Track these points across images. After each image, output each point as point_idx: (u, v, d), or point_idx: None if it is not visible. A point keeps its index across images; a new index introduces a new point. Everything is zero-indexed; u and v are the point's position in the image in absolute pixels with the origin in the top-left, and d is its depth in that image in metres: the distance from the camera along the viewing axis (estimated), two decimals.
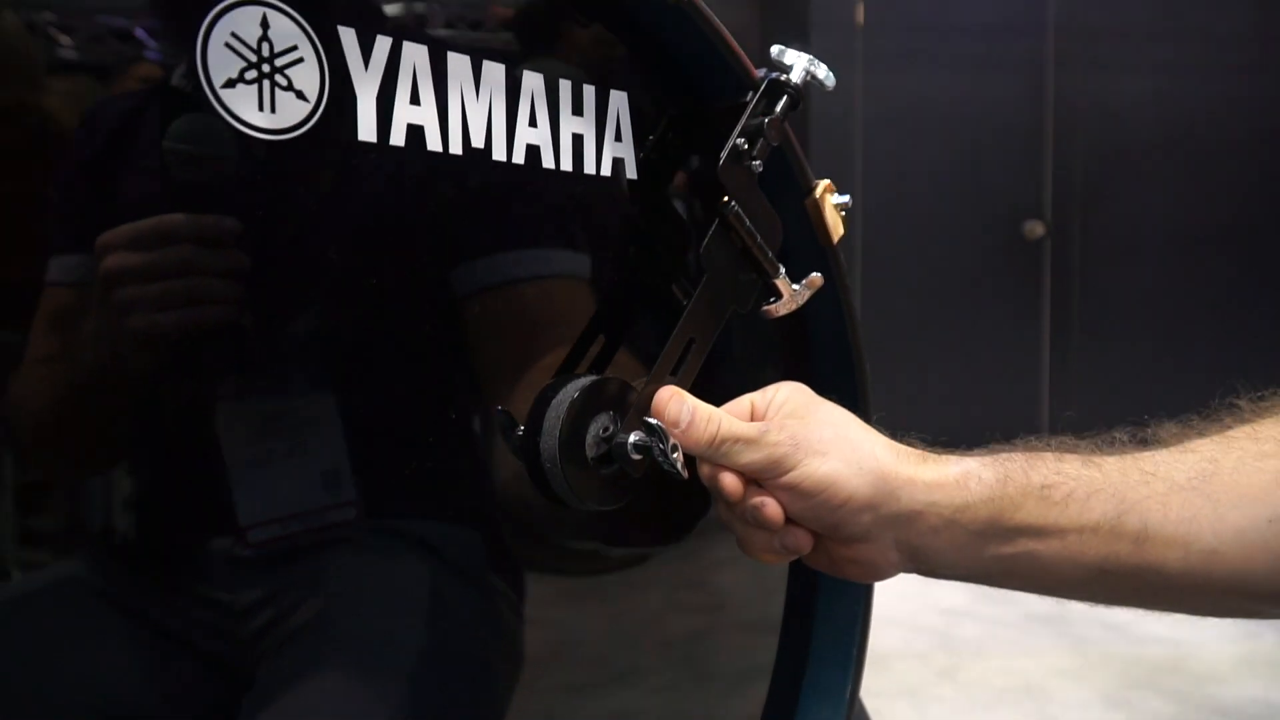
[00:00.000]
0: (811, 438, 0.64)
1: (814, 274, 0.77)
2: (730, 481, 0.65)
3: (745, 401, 0.69)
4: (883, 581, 0.73)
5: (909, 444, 0.69)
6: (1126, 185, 4.19)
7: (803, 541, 0.66)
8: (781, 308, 0.76)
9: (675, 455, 0.65)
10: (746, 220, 0.71)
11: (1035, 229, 4.21)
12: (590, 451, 0.67)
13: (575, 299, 0.77)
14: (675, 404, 0.67)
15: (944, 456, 0.67)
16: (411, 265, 0.69)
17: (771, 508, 0.64)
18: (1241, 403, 0.68)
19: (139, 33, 0.57)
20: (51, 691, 0.60)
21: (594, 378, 0.68)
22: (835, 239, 0.84)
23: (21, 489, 0.56)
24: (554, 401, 0.67)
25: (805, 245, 0.85)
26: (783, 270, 0.75)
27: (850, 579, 0.70)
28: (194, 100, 0.55)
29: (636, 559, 0.90)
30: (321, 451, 0.66)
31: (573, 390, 0.67)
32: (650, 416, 0.67)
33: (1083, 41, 4.13)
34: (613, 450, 0.67)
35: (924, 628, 2.60)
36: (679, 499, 0.85)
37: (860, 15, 4.11)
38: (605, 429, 0.68)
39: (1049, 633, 2.59)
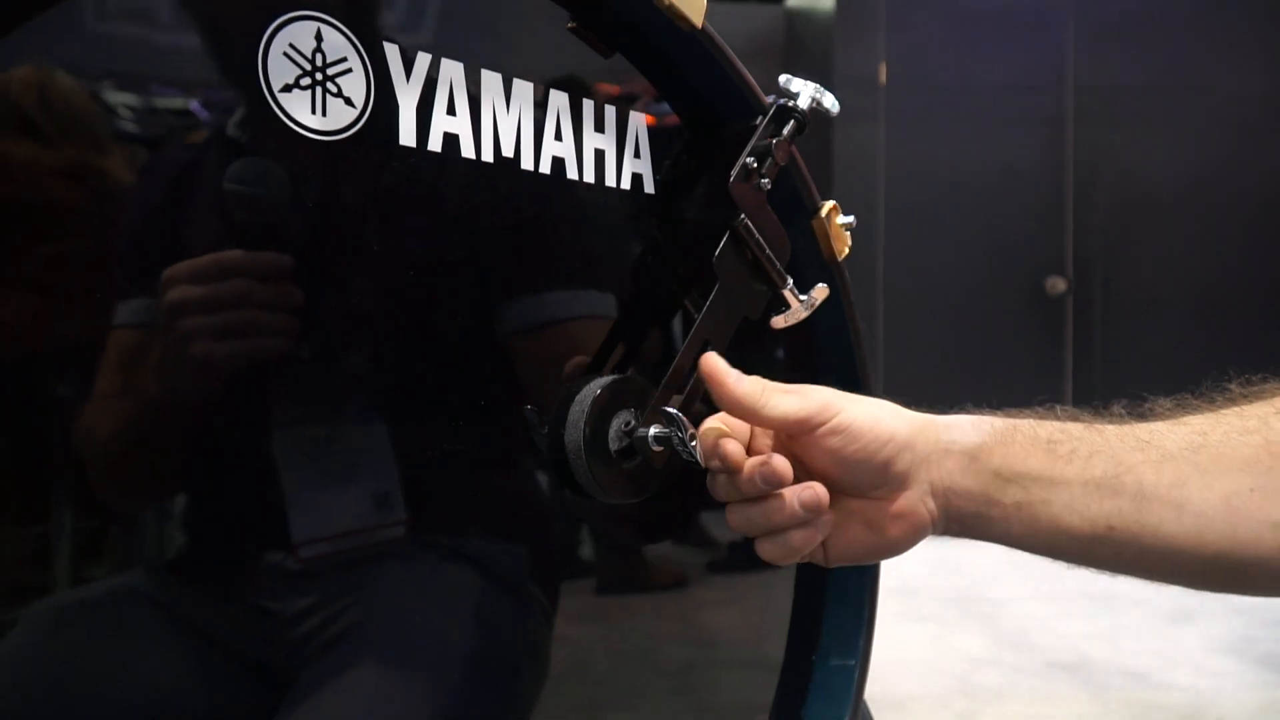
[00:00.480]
0: (841, 396, 0.69)
1: (820, 285, 0.82)
2: (733, 447, 0.67)
3: None
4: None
5: None
6: (1147, 241, 4.22)
7: (820, 494, 0.67)
8: (790, 317, 0.81)
9: (694, 444, 0.69)
10: (755, 233, 0.76)
11: (1057, 284, 4.25)
12: (613, 445, 0.71)
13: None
14: (723, 362, 0.70)
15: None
16: (459, 297, 0.74)
17: (778, 461, 0.66)
18: (1232, 386, 0.72)
19: (194, 106, 0.63)
20: (108, 695, 0.64)
21: (616, 376, 0.73)
22: (840, 256, 0.89)
23: (89, 509, 0.61)
24: (578, 397, 0.71)
25: (813, 265, 0.90)
26: (790, 282, 0.80)
27: (894, 546, 0.71)
28: (248, 148, 0.61)
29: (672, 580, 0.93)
30: (373, 474, 0.70)
31: (595, 387, 0.71)
32: (683, 394, 0.71)
33: (1102, 99, 4.20)
34: (634, 443, 0.71)
35: (943, 672, 2.60)
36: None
37: (883, 74, 4.20)
38: (627, 423, 0.72)
39: (1069, 679, 2.58)
